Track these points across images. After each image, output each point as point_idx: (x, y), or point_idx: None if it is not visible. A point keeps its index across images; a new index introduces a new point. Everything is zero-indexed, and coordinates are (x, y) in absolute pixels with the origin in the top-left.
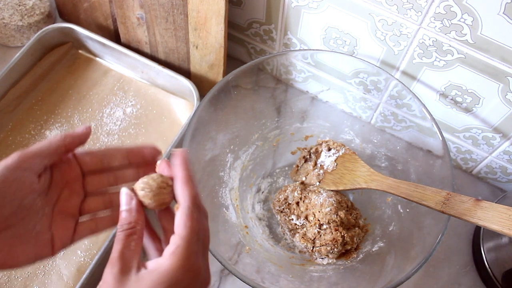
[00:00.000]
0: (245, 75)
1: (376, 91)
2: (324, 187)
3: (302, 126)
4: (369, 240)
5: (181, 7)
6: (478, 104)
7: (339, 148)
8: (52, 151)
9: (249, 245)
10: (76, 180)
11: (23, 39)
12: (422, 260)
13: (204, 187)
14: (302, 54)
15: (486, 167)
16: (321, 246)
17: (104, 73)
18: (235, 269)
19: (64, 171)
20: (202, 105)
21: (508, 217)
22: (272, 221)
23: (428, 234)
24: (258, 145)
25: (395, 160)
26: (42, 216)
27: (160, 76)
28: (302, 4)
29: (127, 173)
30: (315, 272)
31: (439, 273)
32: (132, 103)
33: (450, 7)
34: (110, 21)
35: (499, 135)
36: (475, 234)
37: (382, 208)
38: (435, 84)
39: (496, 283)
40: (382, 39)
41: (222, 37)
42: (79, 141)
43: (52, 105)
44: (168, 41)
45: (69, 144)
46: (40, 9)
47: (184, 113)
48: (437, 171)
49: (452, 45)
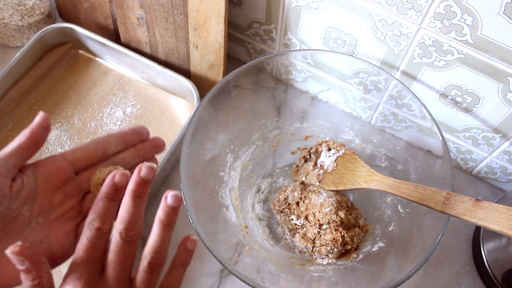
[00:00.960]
0: (245, 75)
1: (376, 91)
2: (324, 187)
3: (302, 126)
4: (369, 240)
5: (181, 7)
6: (478, 104)
7: (339, 148)
8: (16, 150)
9: (249, 245)
10: (68, 181)
11: (23, 39)
12: (422, 260)
13: (204, 187)
14: (302, 54)
15: (486, 167)
16: (321, 246)
17: (104, 73)
18: (235, 269)
19: (51, 175)
20: (202, 105)
21: (508, 217)
22: (272, 221)
23: (428, 234)
24: (258, 145)
25: (395, 160)
26: (36, 227)
27: (160, 76)
28: (302, 4)
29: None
30: (315, 272)
31: (439, 273)
32: (132, 103)
33: (450, 7)
34: (110, 21)
35: (499, 135)
36: (475, 234)
37: (382, 208)
38: (435, 84)
39: (496, 283)
40: (382, 39)
41: (222, 37)
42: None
43: (52, 105)
44: (168, 41)
45: (32, 135)
46: (40, 9)
47: (184, 113)
48: (437, 171)
49: (452, 45)
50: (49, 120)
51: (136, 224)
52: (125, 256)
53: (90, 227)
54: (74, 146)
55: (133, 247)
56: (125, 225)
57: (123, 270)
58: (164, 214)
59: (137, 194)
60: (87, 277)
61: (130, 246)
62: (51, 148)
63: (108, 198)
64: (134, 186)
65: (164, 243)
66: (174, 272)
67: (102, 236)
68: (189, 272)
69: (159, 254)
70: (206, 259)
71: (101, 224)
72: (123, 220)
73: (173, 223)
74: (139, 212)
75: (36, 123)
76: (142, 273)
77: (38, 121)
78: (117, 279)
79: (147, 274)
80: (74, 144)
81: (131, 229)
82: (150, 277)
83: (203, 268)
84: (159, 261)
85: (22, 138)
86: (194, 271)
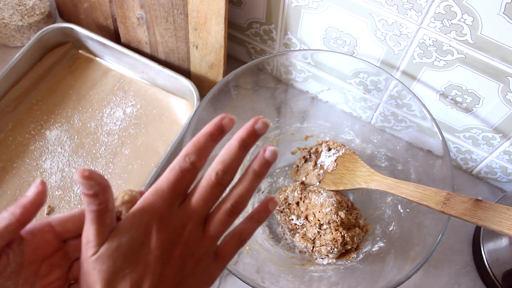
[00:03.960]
0: (245, 75)
1: (376, 91)
2: (324, 187)
3: (302, 126)
4: (369, 240)
5: (181, 7)
6: (478, 104)
7: (339, 148)
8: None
9: (249, 245)
10: (55, 252)
11: (23, 39)
12: (422, 260)
13: None
14: (302, 54)
15: (486, 167)
16: (321, 246)
17: (104, 73)
18: (235, 269)
19: (37, 248)
20: (202, 105)
21: (508, 217)
22: (272, 221)
23: (428, 234)
24: (258, 145)
25: (395, 160)
26: None
27: (160, 76)
28: (302, 4)
29: None
30: (315, 272)
31: (439, 273)
32: (132, 103)
33: (450, 7)
34: (110, 21)
35: (499, 135)
36: (475, 234)
37: (382, 208)
38: (435, 84)
39: (496, 283)
40: (382, 39)
41: (222, 37)
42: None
43: (52, 105)
44: (168, 41)
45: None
46: (40, 9)
47: (184, 113)
48: (437, 171)
49: (452, 45)
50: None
51: (234, 170)
52: (212, 195)
53: (186, 158)
54: (74, 147)
55: (222, 190)
56: (224, 167)
57: (205, 206)
58: (259, 165)
59: (244, 143)
60: (170, 201)
61: (220, 188)
62: (51, 148)
63: (211, 137)
64: (245, 134)
65: (250, 191)
66: (250, 223)
67: (193, 171)
68: None
69: (243, 199)
70: None
71: (197, 159)
72: (223, 162)
73: (263, 175)
74: (239, 161)
75: (29, 199)
76: (222, 213)
77: (31, 196)
78: (197, 213)
79: (226, 216)
80: (74, 144)
81: (228, 172)
82: (227, 219)
83: None
84: (241, 206)
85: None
86: None
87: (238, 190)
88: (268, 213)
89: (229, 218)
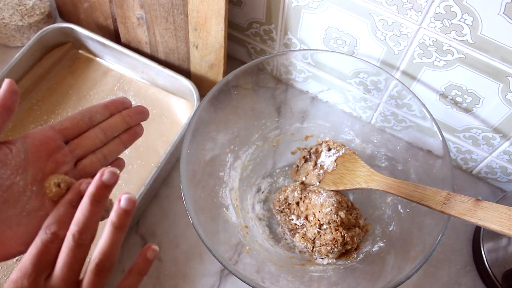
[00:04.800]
0: (245, 75)
1: (376, 91)
2: (324, 187)
3: (302, 126)
4: (369, 240)
5: (181, 7)
6: (478, 104)
7: (339, 148)
8: None
9: (249, 245)
10: (59, 149)
11: (23, 39)
12: (422, 260)
13: (204, 187)
14: (302, 54)
15: (486, 167)
16: (321, 246)
17: (104, 73)
18: (235, 269)
19: (40, 144)
20: (202, 105)
21: (508, 217)
22: (272, 221)
23: (428, 234)
24: (258, 145)
25: (395, 160)
26: (31, 195)
27: (160, 76)
28: (302, 4)
29: (114, 121)
30: (315, 272)
31: (439, 273)
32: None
33: (450, 7)
34: (110, 21)
35: (499, 135)
36: (475, 234)
37: (382, 208)
38: (435, 84)
39: (496, 283)
40: (382, 39)
41: (222, 37)
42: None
43: (52, 105)
44: (168, 41)
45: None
46: (40, 9)
47: (184, 113)
48: (437, 171)
49: (452, 45)
50: (15, 85)
51: (91, 228)
52: (75, 258)
53: (46, 230)
54: None
55: (85, 250)
56: (79, 228)
57: (71, 272)
58: (116, 216)
59: (96, 198)
60: (34, 277)
61: (81, 249)
62: None
63: (71, 205)
64: (94, 190)
65: (114, 245)
66: (129, 278)
67: (56, 240)
68: (189, 272)
69: (108, 256)
70: (206, 259)
71: (58, 229)
72: (78, 223)
73: (125, 226)
74: (95, 217)
75: (3, 90)
76: (89, 274)
77: (4, 87)
78: (64, 280)
79: (94, 276)
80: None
81: (84, 232)
82: (96, 279)
83: (203, 268)
84: (108, 263)
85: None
86: (194, 271)
87: (101, 248)
88: (149, 262)
89: (98, 278)
